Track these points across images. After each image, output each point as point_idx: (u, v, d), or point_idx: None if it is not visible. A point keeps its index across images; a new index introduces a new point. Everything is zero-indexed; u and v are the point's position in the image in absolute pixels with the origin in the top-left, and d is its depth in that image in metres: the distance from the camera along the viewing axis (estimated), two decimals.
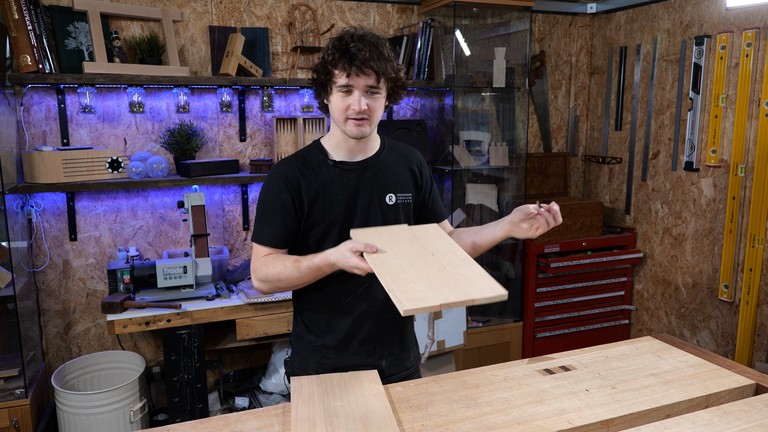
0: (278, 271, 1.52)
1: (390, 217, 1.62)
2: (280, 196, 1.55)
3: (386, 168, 1.64)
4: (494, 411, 1.37)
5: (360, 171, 1.60)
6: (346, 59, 1.46)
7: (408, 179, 1.67)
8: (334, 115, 1.55)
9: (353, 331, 1.63)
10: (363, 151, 1.62)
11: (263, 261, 1.55)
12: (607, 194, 3.85)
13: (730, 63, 2.97)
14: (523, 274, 3.50)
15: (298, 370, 1.68)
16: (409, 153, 1.71)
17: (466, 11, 3.38)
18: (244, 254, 3.29)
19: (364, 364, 1.65)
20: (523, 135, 3.56)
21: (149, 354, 3.15)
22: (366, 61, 1.45)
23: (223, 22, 3.06)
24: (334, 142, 1.61)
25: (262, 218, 1.58)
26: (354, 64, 1.45)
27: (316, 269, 1.47)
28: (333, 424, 1.28)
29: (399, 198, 1.64)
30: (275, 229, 1.56)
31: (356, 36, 1.49)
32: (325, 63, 1.50)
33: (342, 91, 1.50)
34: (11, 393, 2.51)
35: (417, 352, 1.80)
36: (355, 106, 1.49)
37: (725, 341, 3.11)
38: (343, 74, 1.47)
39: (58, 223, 2.91)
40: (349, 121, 1.52)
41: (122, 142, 2.98)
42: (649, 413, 1.38)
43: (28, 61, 2.55)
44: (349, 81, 1.48)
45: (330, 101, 1.55)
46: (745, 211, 2.95)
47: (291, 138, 3.16)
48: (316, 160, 1.59)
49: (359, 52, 1.45)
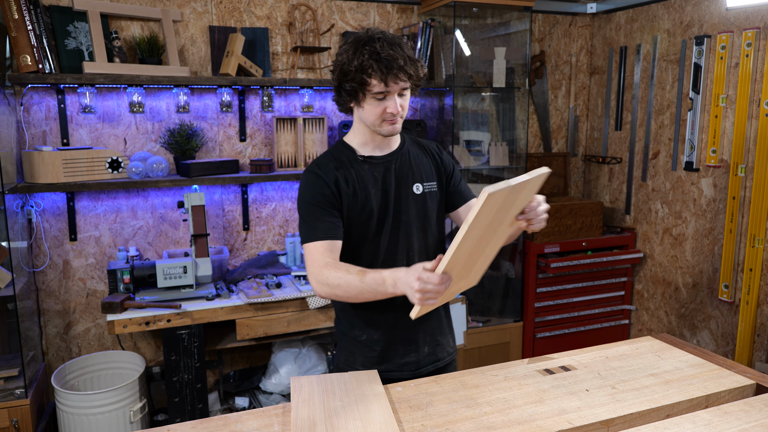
0: (339, 277, 1.46)
1: (420, 205, 1.68)
2: (322, 191, 1.58)
3: (411, 160, 1.70)
4: (494, 411, 1.37)
5: (387, 164, 1.66)
6: (382, 67, 1.48)
7: (431, 168, 1.73)
8: (368, 119, 1.58)
9: (396, 323, 1.67)
10: (388, 146, 1.68)
11: (325, 265, 1.50)
12: (607, 194, 3.85)
13: (730, 63, 2.97)
14: (523, 274, 3.50)
15: (344, 366, 1.72)
16: (427, 143, 1.79)
17: (466, 11, 3.38)
18: (244, 254, 3.29)
19: (408, 352, 1.70)
20: (523, 135, 3.56)
21: (149, 354, 3.15)
22: (402, 68, 1.50)
23: (223, 22, 3.06)
24: (361, 139, 1.66)
25: (310, 216, 1.57)
26: (392, 72, 1.49)
27: (380, 279, 1.40)
28: (333, 424, 1.28)
29: (426, 187, 1.70)
30: (328, 221, 1.57)
31: (385, 42, 1.50)
32: (360, 72, 1.50)
33: (377, 98, 1.53)
34: (11, 393, 2.50)
35: (454, 341, 1.84)
36: (392, 110, 1.54)
37: (725, 341, 3.11)
38: (381, 83, 1.50)
39: (58, 223, 2.91)
40: (384, 122, 1.57)
41: (122, 142, 2.98)
42: (649, 413, 1.38)
43: (28, 61, 2.55)
44: (387, 88, 1.51)
45: (363, 107, 1.57)
46: (745, 211, 2.95)
47: (291, 138, 3.16)
48: (345, 157, 1.63)
49: (394, 60, 1.48)
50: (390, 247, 1.64)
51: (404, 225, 1.65)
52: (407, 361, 1.70)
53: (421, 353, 1.71)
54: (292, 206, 3.35)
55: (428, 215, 1.70)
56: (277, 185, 3.29)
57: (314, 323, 2.89)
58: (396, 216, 1.64)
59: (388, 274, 1.39)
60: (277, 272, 3.08)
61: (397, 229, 1.65)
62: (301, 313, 2.86)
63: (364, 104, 1.56)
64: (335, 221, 1.57)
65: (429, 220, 1.70)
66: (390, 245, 1.64)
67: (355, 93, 1.55)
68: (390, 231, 1.64)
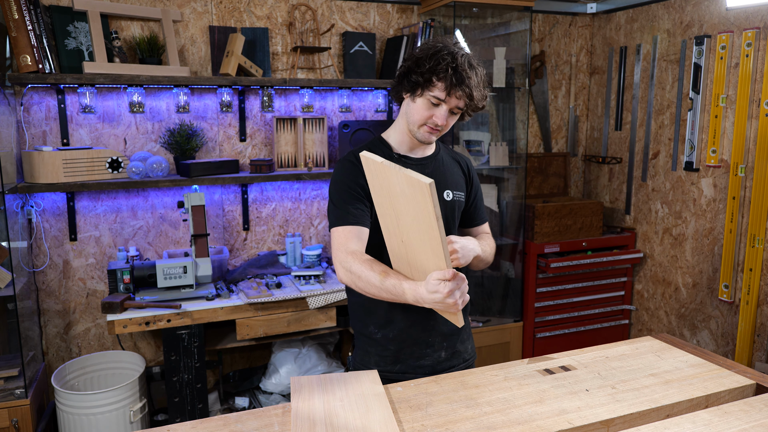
0: (362, 270, 1.45)
1: (447, 212, 1.69)
2: (356, 179, 1.59)
3: (444, 166, 1.72)
4: (494, 411, 1.37)
5: (422, 166, 1.67)
6: (455, 79, 1.51)
7: (461, 179, 1.76)
8: (412, 117, 1.60)
9: (411, 323, 1.67)
10: (423, 150, 1.70)
11: (351, 253, 1.50)
12: (607, 194, 3.85)
13: (730, 63, 2.97)
14: (523, 274, 3.50)
15: (360, 365, 1.72)
16: (460, 155, 1.82)
17: (466, 11, 3.38)
18: (244, 254, 3.29)
19: (424, 355, 1.69)
20: (523, 135, 3.56)
21: (149, 354, 3.15)
22: (468, 90, 1.52)
23: (223, 22, 3.06)
24: (399, 138, 1.67)
25: (342, 201, 1.58)
26: (460, 88, 1.51)
27: (400, 290, 1.39)
28: (333, 424, 1.28)
29: (455, 195, 1.72)
30: (359, 208, 1.57)
31: (467, 61, 1.53)
32: (433, 71, 1.52)
33: (431, 102, 1.55)
34: (11, 393, 2.50)
35: (473, 345, 1.84)
36: (438, 120, 1.56)
37: (725, 341, 3.11)
38: (444, 91, 1.52)
39: (58, 223, 2.91)
40: (424, 127, 1.58)
41: (122, 142, 2.98)
42: (649, 413, 1.38)
43: (28, 61, 2.55)
44: (445, 98, 1.53)
45: (414, 102, 1.59)
46: (745, 211, 2.95)
47: (291, 138, 3.16)
48: (381, 152, 1.64)
49: (468, 80, 1.51)
50: None
51: None
52: (422, 363, 1.70)
53: (437, 357, 1.71)
54: (292, 206, 3.35)
55: (453, 222, 1.72)
56: (277, 185, 3.29)
57: (314, 323, 2.89)
58: None
59: (408, 287, 1.36)
60: (277, 272, 3.08)
61: None
62: (301, 313, 2.86)
63: (418, 100, 1.57)
64: (365, 209, 1.58)
65: (453, 227, 1.72)
66: None
67: (415, 87, 1.56)
68: None
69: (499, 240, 3.60)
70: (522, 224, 3.49)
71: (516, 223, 3.55)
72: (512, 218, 3.57)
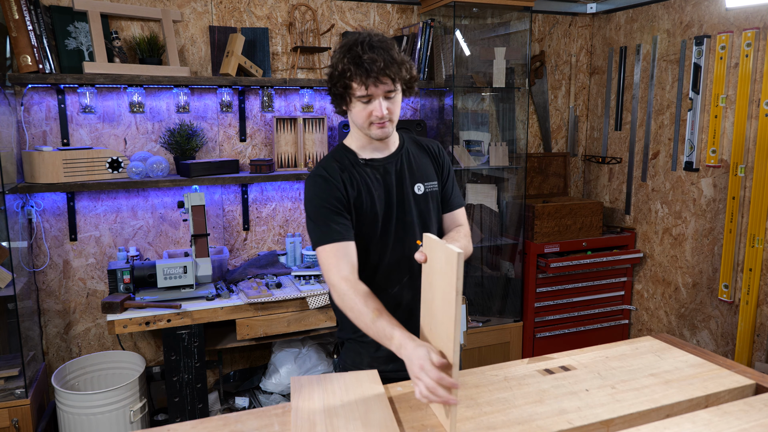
0: (355, 303, 1.44)
1: (422, 206, 1.69)
2: (332, 193, 1.58)
3: (411, 160, 1.71)
4: (494, 411, 1.37)
5: (388, 166, 1.67)
6: (361, 72, 1.48)
7: (430, 168, 1.74)
8: (357, 122, 1.59)
9: (403, 322, 1.65)
10: (387, 148, 1.69)
11: (345, 279, 1.49)
12: (607, 194, 3.85)
13: (729, 63, 2.97)
14: (523, 274, 3.50)
15: (352, 367, 1.71)
16: (428, 142, 1.78)
17: (466, 11, 3.38)
18: (244, 254, 3.29)
19: None
20: (523, 135, 3.56)
21: (149, 354, 3.15)
22: (381, 71, 1.49)
23: (223, 22, 3.06)
24: (360, 143, 1.66)
25: (321, 218, 1.57)
26: (371, 76, 1.48)
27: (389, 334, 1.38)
28: (333, 424, 1.28)
29: (427, 187, 1.71)
30: (340, 223, 1.56)
31: (366, 45, 1.50)
32: (341, 77, 1.51)
33: (362, 101, 1.54)
34: (11, 393, 2.51)
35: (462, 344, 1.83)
36: (377, 113, 1.54)
37: (725, 341, 3.11)
38: (362, 87, 1.51)
39: (58, 223, 2.91)
40: (372, 125, 1.57)
41: (122, 142, 2.98)
42: (649, 413, 1.38)
43: (28, 61, 2.55)
44: (368, 92, 1.51)
45: (351, 110, 1.58)
46: (745, 211, 2.95)
47: (291, 138, 3.16)
48: (347, 160, 1.64)
49: (374, 63, 1.48)
50: (396, 247, 1.66)
51: (408, 226, 1.66)
52: None
53: None
54: (292, 206, 3.35)
55: (430, 215, 1.71)
56: (277, 185, 3.29)
57: (314, 323, 2.89)
58: (399, 217, 1.65)
59: (398, 336, 1.35)
60: (277, 272, 3.08)
61: (401, 229, 1.66)
62: (301, 313, 2.86)
63: (352, 108, 1.57)
64: (346, 222, 1.57)
65: (430, 220, 1.71)
66: (396, 245, 1.66)
67: (341, 97, 1.56)
68: (394, 232, 1.65)
69: (499, 240, 3.60)
70: (522, 224, 3.49)
71: (516, 223, 3.55)
72: (512, 218, 3.57)
